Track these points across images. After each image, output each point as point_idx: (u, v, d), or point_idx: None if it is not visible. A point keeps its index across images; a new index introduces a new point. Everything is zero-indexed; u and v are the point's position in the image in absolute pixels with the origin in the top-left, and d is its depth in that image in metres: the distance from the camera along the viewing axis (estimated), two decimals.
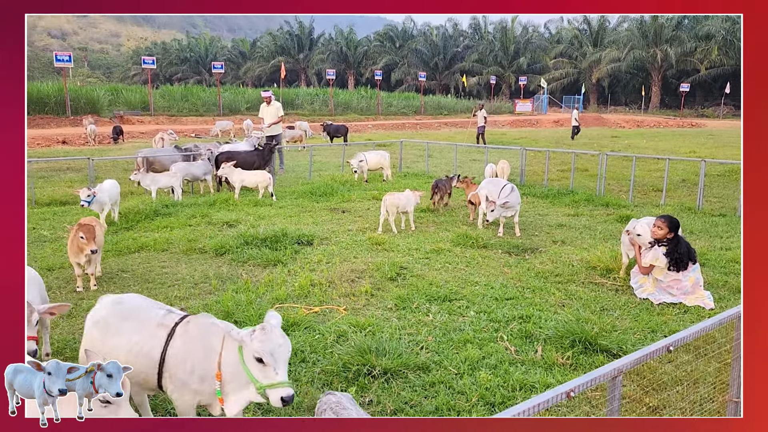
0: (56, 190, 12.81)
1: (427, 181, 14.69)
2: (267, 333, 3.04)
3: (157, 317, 3.46)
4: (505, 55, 64.80)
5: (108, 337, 3.45)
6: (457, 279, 6.94)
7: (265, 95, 15.58)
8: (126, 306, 3.59)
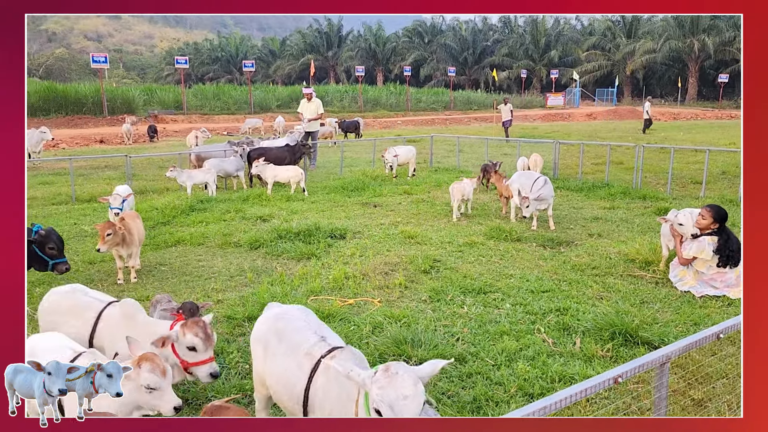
0: (95, 186, 13.13)
1: (457, 176, 14.61)
2: (390, 377, 2.34)
3: (307, 344, 3.01)
4: (536, 48, 63.94)
5: (268, 357, 3.17)
6: (492, 272, 6.88)
7: (306, 92, 15.91)
8: (284, 324, 3.22)
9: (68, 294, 4.05)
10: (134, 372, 2.87)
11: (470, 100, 52.77)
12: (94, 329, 3.83)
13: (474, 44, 66.68)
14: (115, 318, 3.79)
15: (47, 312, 4.03)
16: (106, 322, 3.81)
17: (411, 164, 14.49)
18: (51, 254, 5.86)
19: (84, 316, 3.88)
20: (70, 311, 3.92)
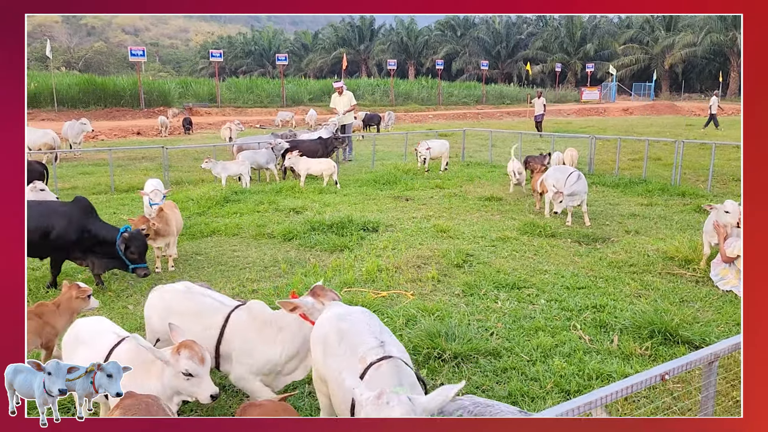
0: (133, 177, 13.41)
1: (490, 170, 14.50)
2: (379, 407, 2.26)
3: (363, 347, 2.85)
4: (571, 41, 62.79)
5: (326, 359, 3.08)
6: (526, 267, 6.81)
7: (337, 86, 16.11)
8: (346, 325, 3.07)
9: (185, 294, 3.79)
10: (173, 358, 2.92)
11: (503, 94, 52.14)
12: (221, 335, 3.57)
13: (507, 38, 65.86)
14: (242, 322, 3.55)
15: (158, 310, 3.77)
16: (236, 329, 3.55)
17: (444, 158, 14.41)
18: (131, 258, 5.96)
19: (208, 321, 3.62)
20: (189, 313, 3.66)
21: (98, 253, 6.10)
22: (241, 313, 3.61)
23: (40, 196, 7.45)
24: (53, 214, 6.07)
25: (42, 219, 6.01)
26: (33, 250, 6.15)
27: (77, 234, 6.01)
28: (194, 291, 3.83)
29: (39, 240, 5.97)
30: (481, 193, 11.47)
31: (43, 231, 5.97)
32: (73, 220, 6.04)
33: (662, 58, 58.91)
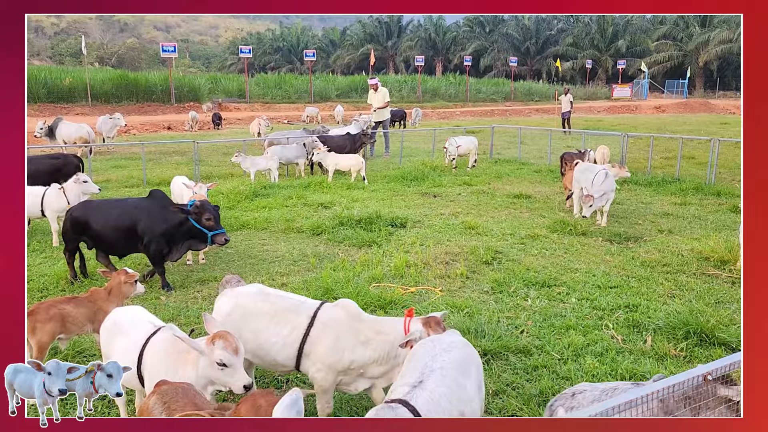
0: (164, 171, 13.64)
1: (518, 168, 14.37)
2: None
3: (402, 380, 2.80)
4: (603, 38, 61.73)
5: None
6: (556, 265, 6.73)
7: (372, 82, 16.35)
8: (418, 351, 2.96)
9: (260, 296, 3.68)
10: (208, 348, 2.96)
11: (531, 91, 51.57)
12: (306, 333, 3.47)
13: (537, 33, 65.04)
14: (337, 320, 3.46)
15: (235, 315, 3.61)
16: (326, 325, 3.45)
17: (472, 155, 14.31)
18: (209, 225, 5.95)
19: (291, 320, 3.51)
20: (269, 314, 3.56)
21: (178, 239, 6.11)
22: (335, 311, 3.51)
23: (83, 187, 7.60)
24: (133, 211, 6.13)
25: (123, 217, 6.09)
26: (114, 247, 6.24)
27: (161, 226, 6.04)
28: (268, 292, 3.74)
29: (121, 237, 6.08)
30: (510, 190, 11.37)
31: (124, 228, 6.05)
32: (153, 213, 6.09)
33: (696, 55, 57.53)
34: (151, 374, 3.14)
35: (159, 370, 3.08)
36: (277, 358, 3.50)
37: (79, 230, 6.15)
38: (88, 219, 6.12)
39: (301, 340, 3.43)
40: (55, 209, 7.46)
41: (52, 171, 9.44)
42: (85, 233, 6.15)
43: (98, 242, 6.24)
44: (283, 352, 3.46)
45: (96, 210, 6.27)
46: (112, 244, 6.23)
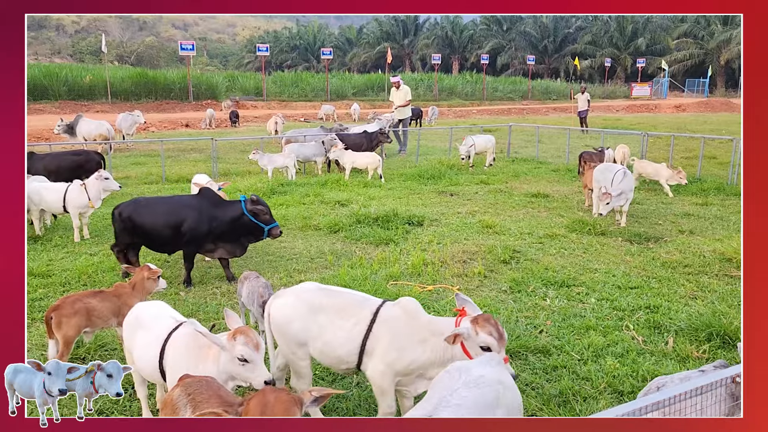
0: (182, 168, 13.76)
1: (536, 167, 14.27)
2: None
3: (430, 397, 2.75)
4: (622, 36, 61.06)
5: None
6: (575, 265, 6.67)
7: (394, 80, 16.54)
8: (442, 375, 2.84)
9: (322, 291, 3.62)
10: (229, 344, 2.98)
11: (549, 90, 51.18)
12: (369, 329, 3.40)
13: (555, 31, 64.50)
14: (396, 318, 3.37)
15: (300, 312, 3.54)
16: (386, 323, 3.38)
17: (489, 154, 14.23)
18: (266, 220, 5.99)
19: (355, 316, 3.44)
20: (334, 310, 3.49)
21: (229, 237, 6.10)
22: (394, 309, 3.41)
23: (104, 184, 7.68)
24: (183, 209, 6.12)
25: (172, 214, 6.08)
26: (165, 245, 6.24)
27: (208, 225, 6.03)
28: (328, 288, 3.66)
29: (171, 235, 6.06)
30: (528, 189, 11.30)
31: (174, 225, 6.04)
32: (203, 211, 6.07)
33: (718, 54, 56.65)
34: (173, 369, 3.17)
35: (180, 364, 3.10)
36: (341, 353, 3.43)
37: (128, 229, 6.12)
38: (137, 217, 6.09)
39: (364, 335, 3.37)
40: (77, 205, 7.56)
41: (75, 167, 9.58)
42: (135, 231, 6.13)
43: (147, 240, 6.22)
44: (347, 346, 3.40)
45: (145, 208, 6.22)
46: (161, 241, 6.21)
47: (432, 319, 3.42)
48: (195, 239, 6.06)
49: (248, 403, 2.08)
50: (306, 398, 2.11)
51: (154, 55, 75.42)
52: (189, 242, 6.08)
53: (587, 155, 12.05)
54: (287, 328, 3.55)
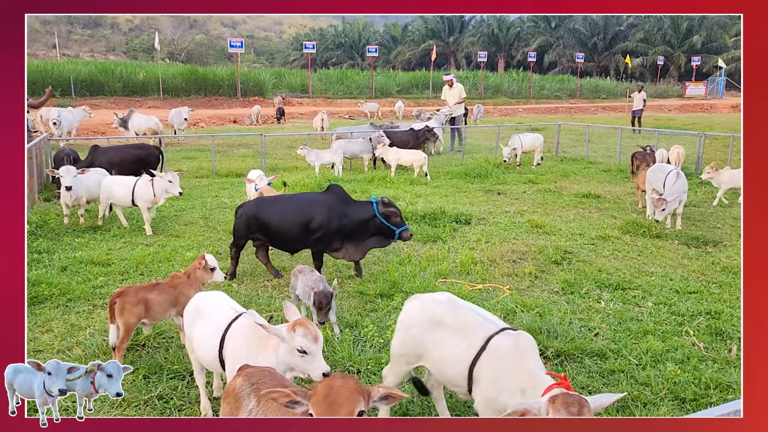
0: (231, 163, 14.04)
1: (586, 167, 13.95)
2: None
3: None
4: (676, 33, 59.04)
5: None
6: (630, 267, 6.49)
7: (447, 78, 16.60)
8: None
9: (449, 305, 3.35)
10: (288, 335, 3.01)
11: (598, 88, 49.95)
12: (477, 356, 3.08)
13: (605, 29, 62.89)
14: (505, 353, 3.00)
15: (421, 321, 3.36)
16: (494, 355, 3.03)
17: (537, 153, 14.00)
18: (397, 222, 5.86)
19: (469, 338, 3.14)
20: (454, 327, 3.24)
21: (357, 237, 5.99)
22: (508, 341, 3.02)
23: (167, 186, 7.66)
24: (312, 205, 6.01)
25: (301, 211, 5.96)
26: (291, 242, 6.12)
27: (338, 222, 5.90)
28: (458, 303, 3.38)
29: (299, 232, 5.95)
30: (578, 189, 11.07)
31: (303, 223, 5.91)
32: (333, 208, 5.94)
33: None
34: (233, 358, 3.22)
35: (240, 354, 3.15)
36: (450, 374, 3.20)
37: (252, 227, 6.04)
38: (263, 215, 6.00)
39: (472, 361, 3.07)
40: (145, 200, 7.73)
41: (136, 160, 9.92)
42: (259, 230, 6.04)
43: (272, 238, 6.12)
44: (456, 368, 3.13)
45: (272, 206, 6.13)
46: (286, 239, 6.10)
47: (537, 368, 2.92)
48: (325, 237, 5.93)
49: (316, 386, 2.09)
50: (374, 393, 2.11)
51: (203, 53, 77.11)
52: (319, 240, 5.95)
53: (640, 155, 11.73)
54: (406, 333, 3.43)
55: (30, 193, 9.11)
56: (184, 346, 4.49)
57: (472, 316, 3.25)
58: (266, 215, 6.01)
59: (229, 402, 2.64)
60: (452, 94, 16.33)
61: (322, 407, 1.97)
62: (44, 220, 8.04)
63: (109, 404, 3.78)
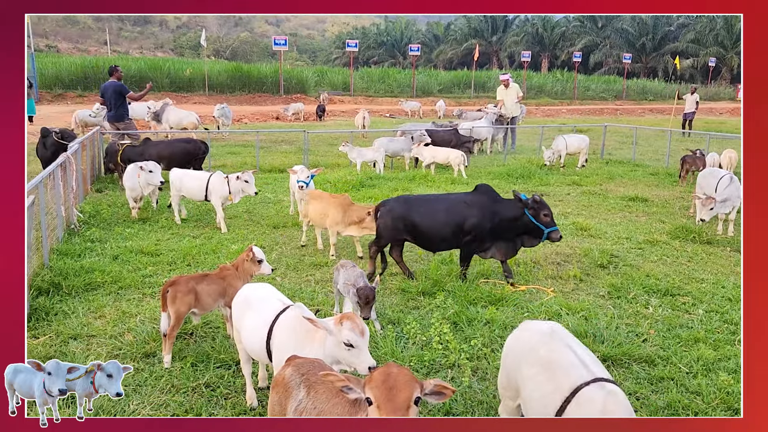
0: (274, 158, 14.24)
1: (632, 169, 13.62)
2: None
3: None
4: (729, 34, 56.95)
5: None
6: (679, 273, 6.31)
7: (503, 78, 16.60)
8: None
9: (545, 338, 2.93)
10: (336, 328, 3.04)
11: (645, 90, 48.63)
12: (563, 408, 2.64)
13: (655, 29, 61.17)
14: (600, 408, 2.52)
15: (513, 351, 3.08)
16: (581, 412, 2.59)
17: (582, 154, 13.74)
18: (546, 222, 5.69)
19: (557, 382, 2.71)
20: (541, 364, 2.84)
21: (507, 236, 5.88)
22: (598, 397, 2.52)
23: (243, 185, 7.69)
24: (465, 206, 5.89)
25: (453, 212, 5.85)
26: (440, 243, 5.99)
27: (490, 222, 5.81)
28: (557, 336, 2.92)
29: (451, 233, 5.84)
30: (624, 192, 10.82)
31: (455, 223, 5.80)
32: (485, 208, 5.85)
33: None
34: (280, 350, 3.27)
35: (288, 346, 3.20)
36: (534, 415, 2.81)
37: (398, 227, 5.93)
38: (411, 216, 5.88)
39: (556, 413, 2.63)
40: (219, 195, 7.81)
41: (185, 154, 10.16)
42: (405, 230, 5.93)
43: (419, 239, 6.00)
44: (543, 411, 2.72)
45: (421, 205, 6.00)
46: (437, 240, 5.97)
47: None
48: (478, 237, 5.84)
49: (372, 373, 2.11)
50: (426, 385, 2.12)
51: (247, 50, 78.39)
52: (472, 240, 5.85)
53: (690, 159, 11.40)
54: (503, 362, 3.16)
55: (84, 183, 9.45)
56: (230, 337, 4.60)
57: (567, 355, 2.77)
58: (415, 216, 5.87)
59: (278, 391, 2.68)
60: (509, 93, 16.24)
61: (382, 391, 1.99)
62: (97, 210, 8.33)
63: (159, 389, 3.89)
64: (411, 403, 2.03)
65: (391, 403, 2.01)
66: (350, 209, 6.64)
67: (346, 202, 6.73)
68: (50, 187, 6.81)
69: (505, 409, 3.20)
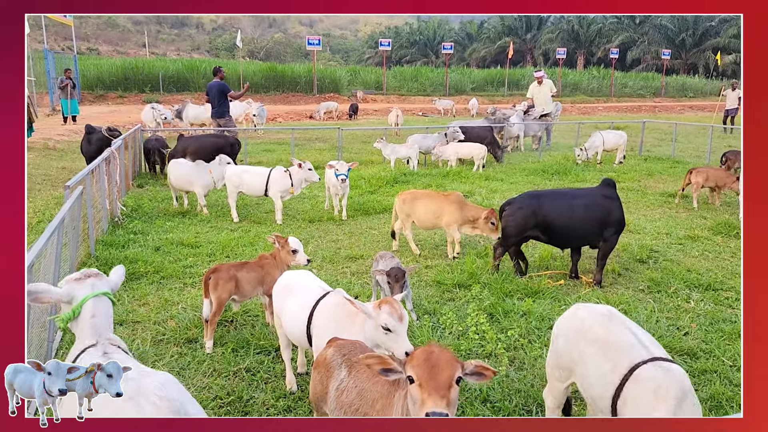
0: (308, 155, 14.34)
1: (672, 166, 13.34)
2: None
3: None
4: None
5: None
6: (722, 269, 6.17)
7: (538, 75, 16.65)
8: None
9: (604, 320, 2.99)
10: (375, 312, 3.08)
11: (685, 87, 47.47)
12: (621, 386, 2.70)
13: (695, 24, 59.58)
14: (646, 390, 2.58)
15: (569, 332, 3.10)
16: (638, 388, 2.63)
17: (619, 151, 13.51)
18: None
19: (615, 360, 2.77)
20: (599, 344, 2.90)
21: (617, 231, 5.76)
22: (655, 374, 2.57)
23: (307, 174, 7.89)
24: (605, 200, 5.72)
25: (594, 207, 5.67)
26: (576, 239, 5.80)
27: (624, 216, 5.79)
28: (615, 318, 2.98)
29: (590, 229, 5.68)
30: (663, 188, 10.61)
31: (598, 220, 5.64)
32: (620, 201, 5.81)
33: None
34: (320, 334, 3.33)
35: (328, 329, 3.26)
36: (593, 393, 2.86)
37: (529, 224, 5.74)
38: (545, 211, 5.69)
39: (615, 390, 2.68)
40: (280, 188, 7.98)
41: (215, 148, 10.36)
42: (537, 226, 5.74)
43: (553, 235, 5.77)
44: (600, 390, 2.77)
45: (556, 200, 5.81)
46: (574, 237, 5.78)
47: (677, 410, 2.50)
48: (619, 231, 5.75)
49: (414, 352, 2.14)
50: (467, 366, 2.13)
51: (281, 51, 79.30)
52: (614, 235, 5.71)
53: (732, 155, 11.11)
54: (554, 343, 3.18)
55: (125, 179, 9.74)
56: (269, 324, 4.69)
57: (625, 335, 2.83)
58: (551, 212, 5.67)
59: (320, 371, 2.74)
60: (543, 90, 16.16)
61: (424, 369, 2.01)
62: (138, 204, 8.58)
63: (201, 373, 4.00)
64: (453, 382, 2.04)
65: (434, 381, 2.02)
66: (466, 207, 6.55)
67: (460, 200, 6.62)
68: (96, 181, 7.06)
69: (552, 391, 3.24)
